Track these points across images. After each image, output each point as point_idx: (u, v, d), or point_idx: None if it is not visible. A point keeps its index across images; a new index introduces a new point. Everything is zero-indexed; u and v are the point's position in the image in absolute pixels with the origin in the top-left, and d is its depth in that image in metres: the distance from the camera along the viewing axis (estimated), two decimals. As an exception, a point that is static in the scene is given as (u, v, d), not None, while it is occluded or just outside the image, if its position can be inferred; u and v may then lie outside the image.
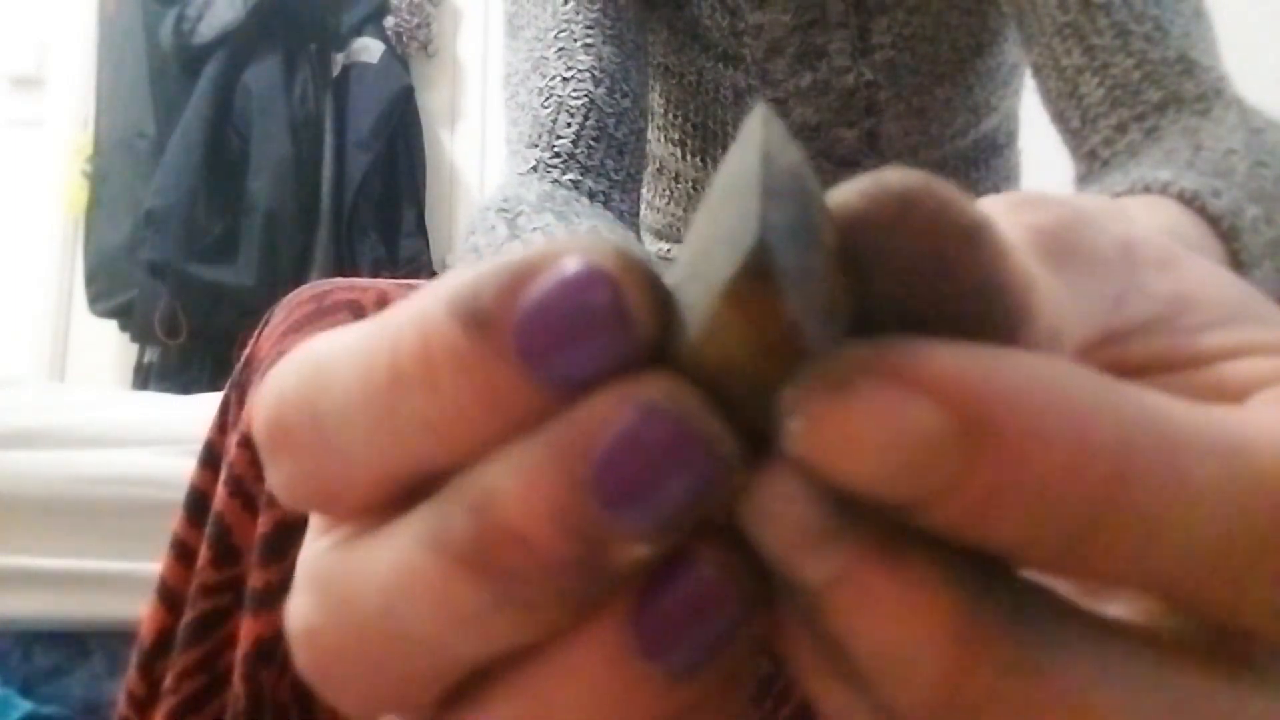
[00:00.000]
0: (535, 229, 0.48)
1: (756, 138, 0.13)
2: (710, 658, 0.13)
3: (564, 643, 0.13)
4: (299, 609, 0.14)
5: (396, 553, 0.13)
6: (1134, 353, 0.16)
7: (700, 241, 0.13)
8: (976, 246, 0.12)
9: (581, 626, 0.13)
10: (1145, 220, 0.33)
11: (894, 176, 0.12)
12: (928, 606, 0.11)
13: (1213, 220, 0.38)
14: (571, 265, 0.12)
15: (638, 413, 0.12)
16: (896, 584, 0.11)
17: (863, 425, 0.11)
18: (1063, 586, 0.14)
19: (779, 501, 0.12)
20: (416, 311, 0.13)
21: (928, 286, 0.12)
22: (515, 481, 0.12)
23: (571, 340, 0.12)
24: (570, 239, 0.13)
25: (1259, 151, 0.45)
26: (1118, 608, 0.15)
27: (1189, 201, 0.38)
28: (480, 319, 0.12)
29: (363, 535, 0.14)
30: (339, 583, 0.14)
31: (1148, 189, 0.38)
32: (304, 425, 0.14)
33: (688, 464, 0.12)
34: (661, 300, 0.13)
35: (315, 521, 0.16)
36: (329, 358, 0.14)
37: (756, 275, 0.12)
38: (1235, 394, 0.15)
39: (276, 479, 0.14)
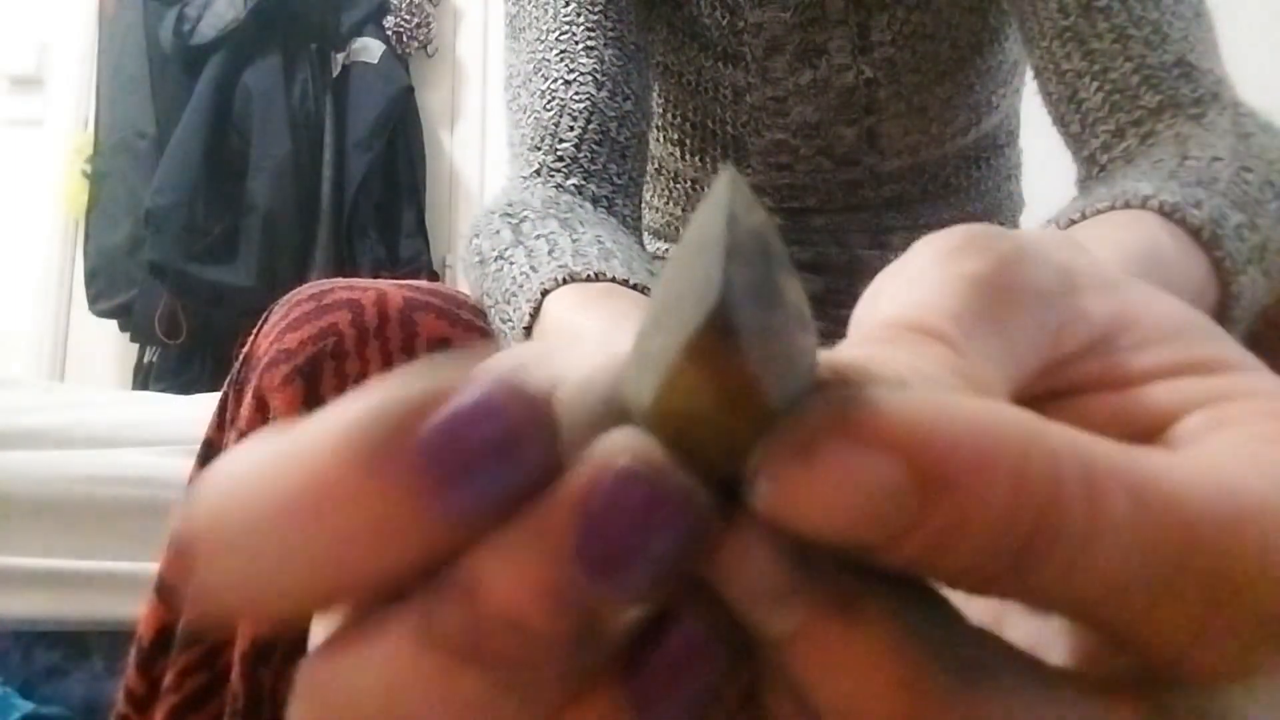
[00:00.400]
0: (539, 235, 0.48)
1: (722, 198, 0.13)
2: (701, 712, 0.13)
3: (564, 713, 0.13)
4: (299, 714, 0.14)
5: (390, 650, 0.13)
6: (1075, 373, 0.17)
7: (666, 296, 0.14)
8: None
9: (575, 699, 0.13)
10: (1105, 248, 0.34)
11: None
12: (881, 660, 0.12)
13: (1194, 231, 0.38)
14: (465, 398, 0.12)
15: (613, 480, 0.12)
16: (851, 638, 0.12)
17: (828, 484, 0.12)
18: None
19: (742, 559, 0.13)
20: (319, 438, 0.13)
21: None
22: (501, 565, 0.12)
23: (464, 471, 0.12)
24: (462, 363, 0.13)
25: (1245, 157, 0.45)
26: (1060, 654, 0.16)
27: (1169, 214, 0.38)
28: (375, 451, 0.12)
29: (353, 637, 0.14)
30: (336, 689, 0.14)
31: (1128, 204, 0.39)
32: (215, 546, 0.13)
33: (667, 521, 0.12)
34: (552, 430, 0.13)
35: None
36: (239, 469, 0.13)
37: (718, 332, 0.12)
38: (1166, 414, 0.16)
39: (195, 593, 0.14)
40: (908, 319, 0.16)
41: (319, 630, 0.15)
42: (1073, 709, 0.13)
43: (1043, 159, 0.77)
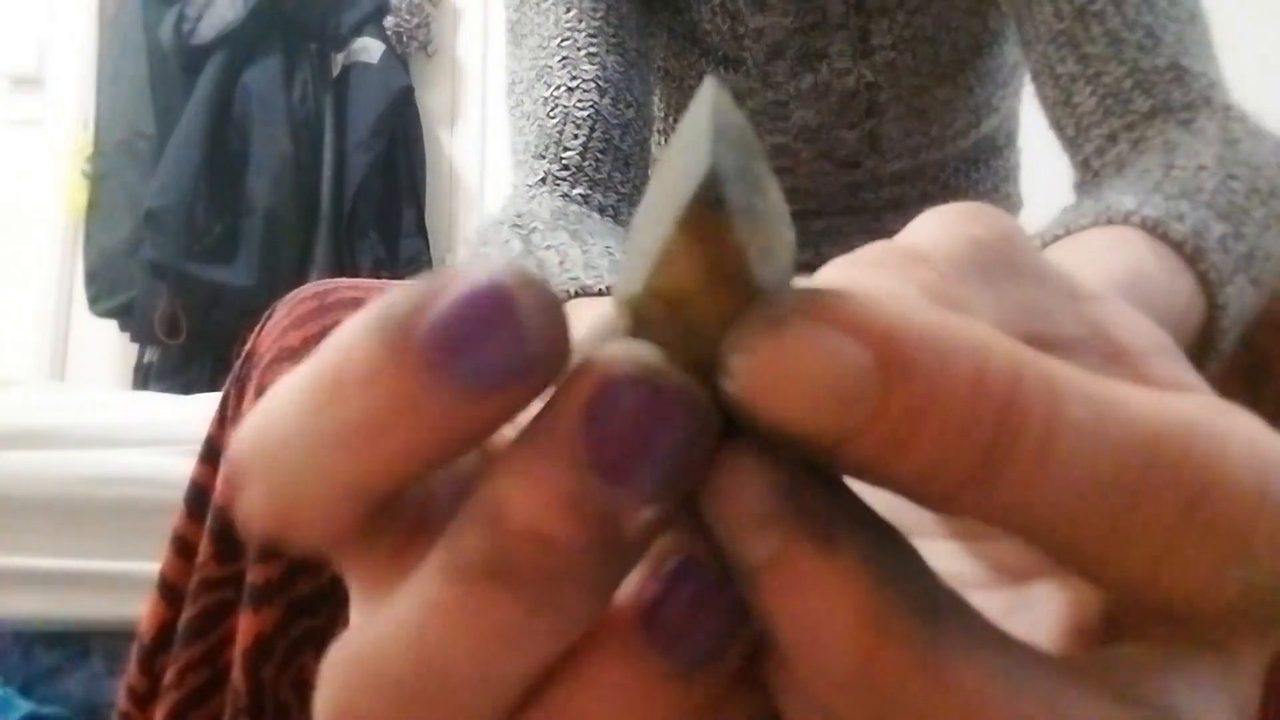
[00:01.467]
0: (549, 246, 0.48)
1: (707, 98, 0.14)
2: (721, 652, 0.14)
3: (585, 660, 0.14)
4: (328, 701, 0.14)
5: (421, 596, 0.13)
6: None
7: (656, 190, 0.14)
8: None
9: (597, 641, 0.14)
10: (1089, 270, 0.34)
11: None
12: (847, 591, 0.12)
13: (1177, 245, 0.38)
14: (471, 279, 0.13)
15: (614, 387, 0.13)
16: (822, 568, 0.13)
17: (795, 360, 0.12)
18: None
19: (729, 482, 0.13)
20: (339, 333, 0.14)
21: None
22: (521, 484, 0.13)
23: (465, 344, 0.13)
24: (479, 260, 0.14)
25: (1231, 165, 0.45)
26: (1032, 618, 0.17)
27: (1152, 229, 0.38)
28: (389, 332, 0.13)
29: (376, 605, 0.14)
30: (367, 658, 0.14)
31: (1111, 220, 0.39)
32: (256, 455, 0.14)
33: (671, 419, 0.13)
34: (557, 315, 0.14)
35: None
36: (275, 393, 0.15)
37: (709, 204, 0.13)
38: None
39: (243, 511, 0.15)
40: (902, 245, 0.17)
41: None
42: (1034, 681, 0.13)
43: (1041, 160, 0.77)
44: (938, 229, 0.17)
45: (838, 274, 0.16)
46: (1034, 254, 0.18)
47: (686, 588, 0.14)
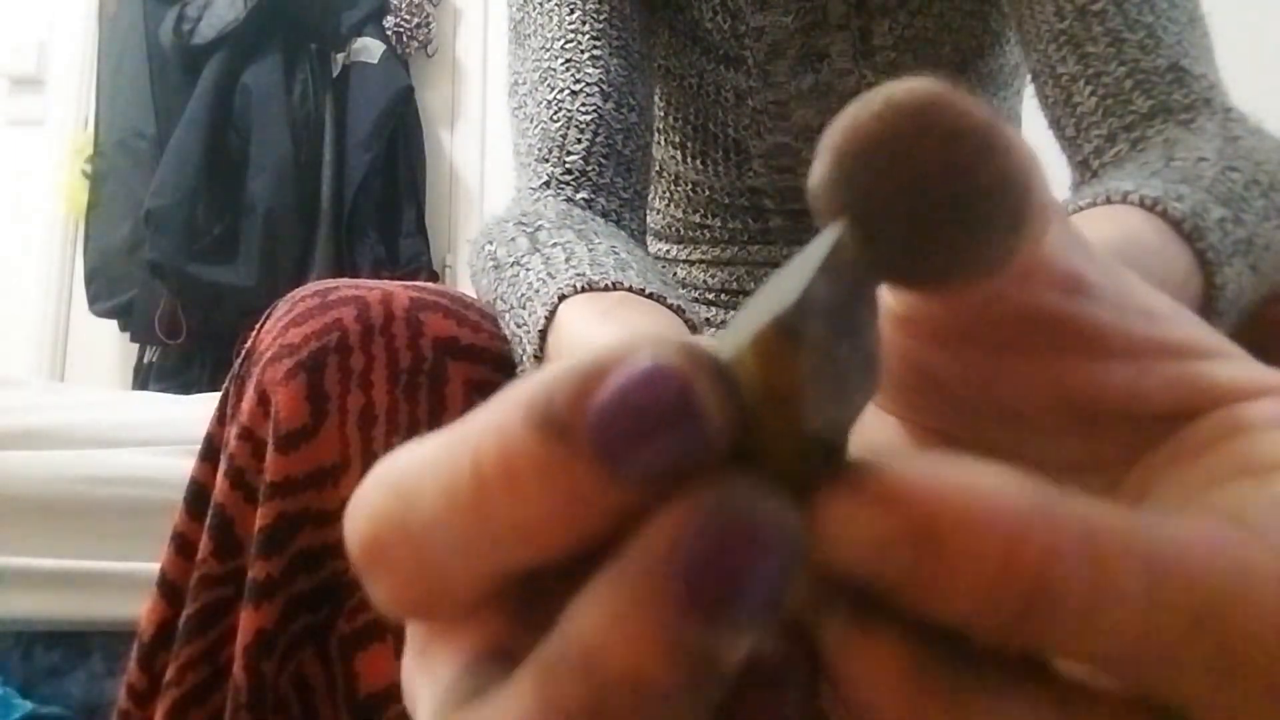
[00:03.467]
0: (555, 244, 0.48)
1: (834, 234, 0.14)
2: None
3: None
4: None
5: None
6: (1098, 317, 0.17)
7: (750, 309, 0.15)
8: (989, 153, 0.14)
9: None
10: (1087, 233, 0.34)
11: (905, 91, 0.14)
12: (889, 653, 0.13)
13: (1175, 224, 0.38)
14: (640, 364, 0.13)
15: (712, 522, 0.12)
16: (871, 637, 0.13)
17: (841, 529, 0.13)
18: None
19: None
20: (493, 421, 0.13)
21: (941, 191, 0.14)
22: (613, 625, 0.12)
23: (644, 438, 0.12)
24: (637, 340, 0.13)
25: (1231, 158, 0.45)
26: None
27: (1150, 207, 0.38)
28: (555, 424, 0.13)
29: (473, 696, 0.14)
30: None
31: (1110, 200, 0.39)
32: (397, 542, 0.14)
33: (769, 553, 0.12)
34: (731, 392, 0.13)
35: (414, 631, 0.16)
36: (412, 472, 0.14)
37: (782, 331, 0.13)
38: (1181, 402, 0.17)
39: (378, 595, 0.15)
40: None
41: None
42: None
43: (1042, 161, 0.77)
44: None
45: None
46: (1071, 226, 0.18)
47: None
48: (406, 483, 0.14)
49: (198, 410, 1.22)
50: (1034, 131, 0.69)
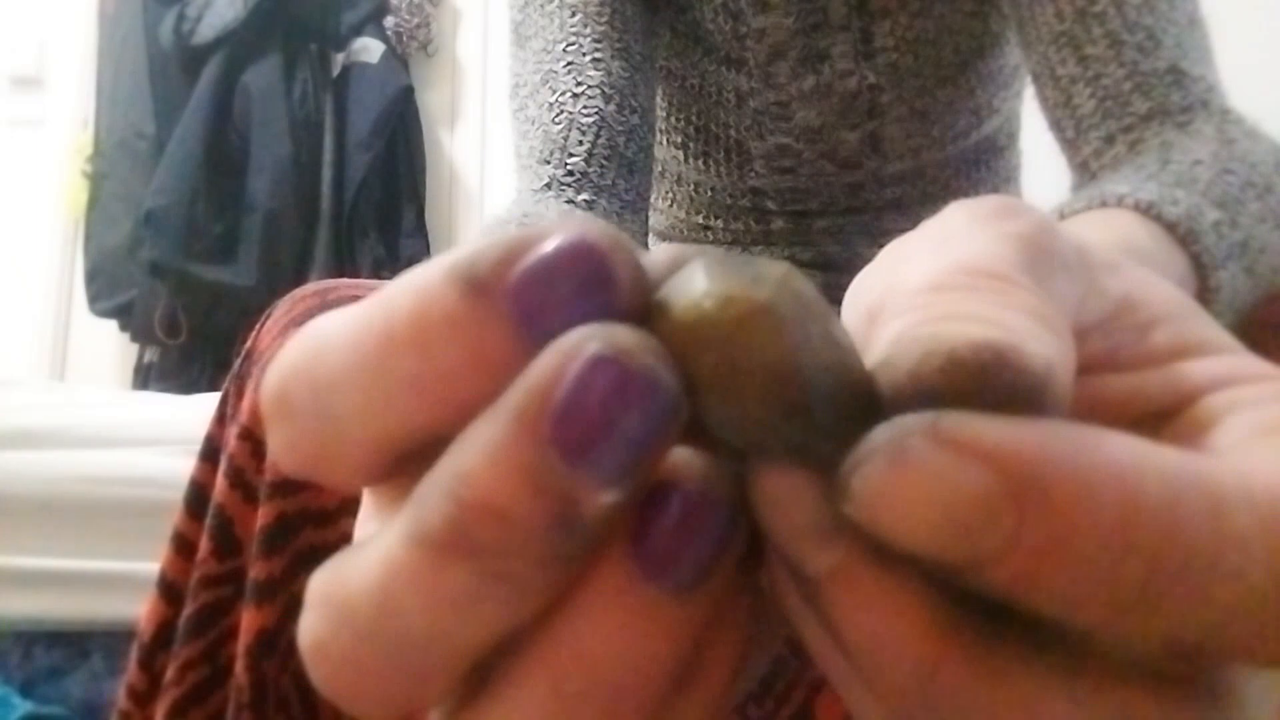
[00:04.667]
0: None
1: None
2: (708, 571, 0.14)
3: (579, 594, 0.14)
4: (306, 625, 0.15)
5: (384, 552, 0.14)
6: (1092, 349, 0.17)
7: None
8: (1039, 409, 0.13)
9: (586, 575, 0.14)
10: (1091, 236, 0.34)
11: (968, 348, 0.13)
12: (908, 605, 0.13)
13: (1170, 227, 0.38)
14: (564, 237, 0.13)
15: (583, 364, 0.13)
16: (884, 582, 0.13)
17: (920, 489, 0.12)
18: None
19: (788, 495, 0.13)
20: (413, 281, 0.14)
21: None
22: (483, 457, 0.13)
23: (560, 302, 0.13)
24: (561, 219, 0.14)
25: (1227, 160, 0.45)
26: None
27: (1145, 211, 0.38)
28: (477, 283, 0.13)
29: (357, 545, 0.15)
30: (337, 593, 0.14)
31: (1104, 203, 0.39)
32: (302, 391, 0.15)
33: (637, 403, 0.13)
34: (641, 273, 0.14)
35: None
36: (329, 329, 0.15)
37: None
38: (1182, 395, 0.16)
39: (276, 444, 0.15)
40: (980, 266, 0.15)
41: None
42: (1088, 684, 0.13)
43: (1041, 161, 0.77)
44: (976, 229, 0.17)
45: (940, 303, 0.15)
46: (1066, 240, 0.17)
47: (670, 511, 0.14)
48: (320, 340, 0.15)
49: (198, 410, 1.22)
50: (1035, 132, 0.69)
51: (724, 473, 0.14)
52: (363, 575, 0.14)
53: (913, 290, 0.15)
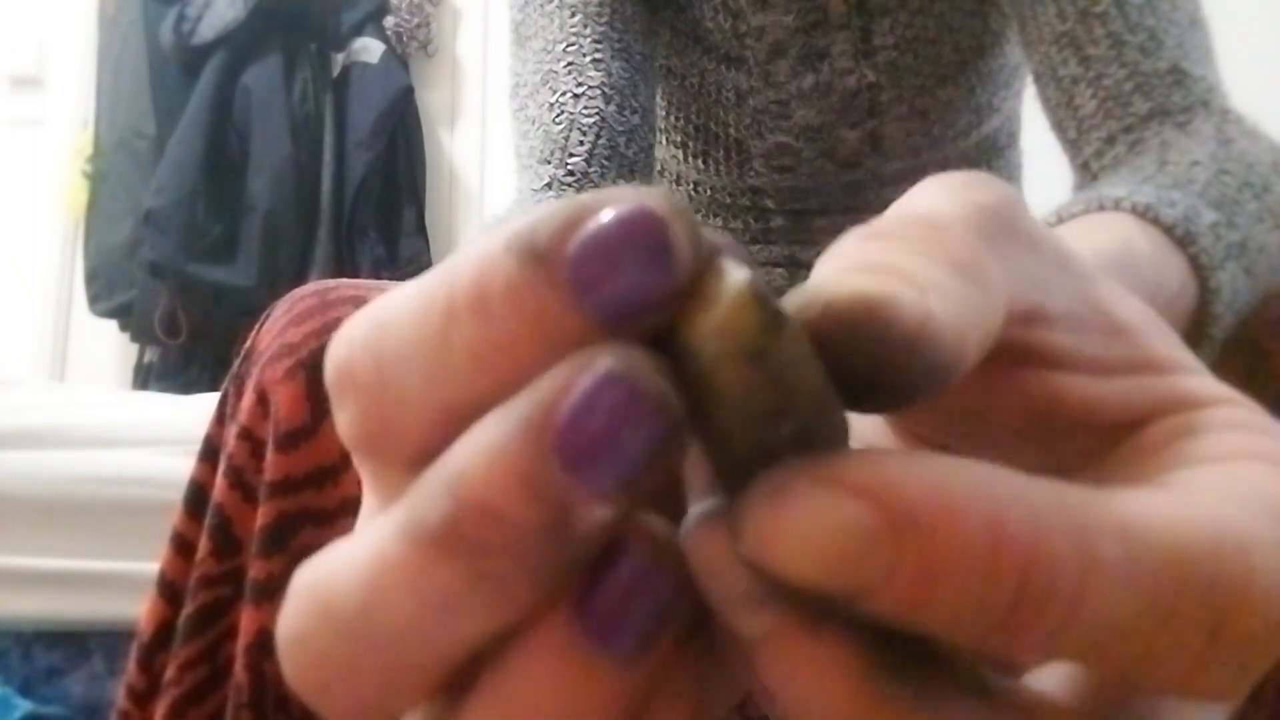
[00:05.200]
0: None
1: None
2: (650, 640, 0.14)
3: (521, 644, 0.14)
4: (287, 618, 0.15)
5: (376, 545, 0.14)
6: (1060, 340, 0.17)
7: None
8: (914, 354, 0.14)
9: (534, 626, 0.14)
10: (1078, 246, 0.34)
11: (843, 300, 0.14)
12: (839, 669, 0.13)
13: (1168, 229, 0.38)
14: (625, 205, 0.13)
15: (593, 378, 0.13)
16: (814, 647, 0.13)
17: (803, 526, 0.13)
18: None
19: (720, 560, 0.14)
20: (475, 251, 0.14)
21: (866, 374, 0.14)
22: (484, 457, 0.13)
23: (620, 272, 0.13)
24: (621, 188, 0.14)
25: (1224, 161, 0.45)
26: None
27: (1142, 214, 0.38)
28: (537, 252, 0.13)
29: (344, 540, 0.15)
30: (321, 586, 0.14)
31: (1102, 206, 0.39)
32: (365, 366, 0.15)
33: (642, 423, 0.13)
34: (700, 243, 0.14)
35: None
36: (391, 304, 0.15)
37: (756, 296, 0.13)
38: (1132, 414, 0.17)
39: (340, 421, 0.15)
40: (922, 216, 0.17)
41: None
42: None
43: (1041, 160, 0.77)
44: (943, 195, 0.18)
45: (861, 251, 0.16)
46: (1033, 220, 0.18)
47: (619, 577, 0.14)
48: (383, 313, 0.15)
49: (198, 410, 1.22)
50: (1036, 132, 0.69)
51: (674, 541, 0.14)
52: (351, 567, 0.14)
53: (850, 237, 0.16)
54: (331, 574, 0.14)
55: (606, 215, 0.13)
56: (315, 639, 0.14)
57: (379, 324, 0.15)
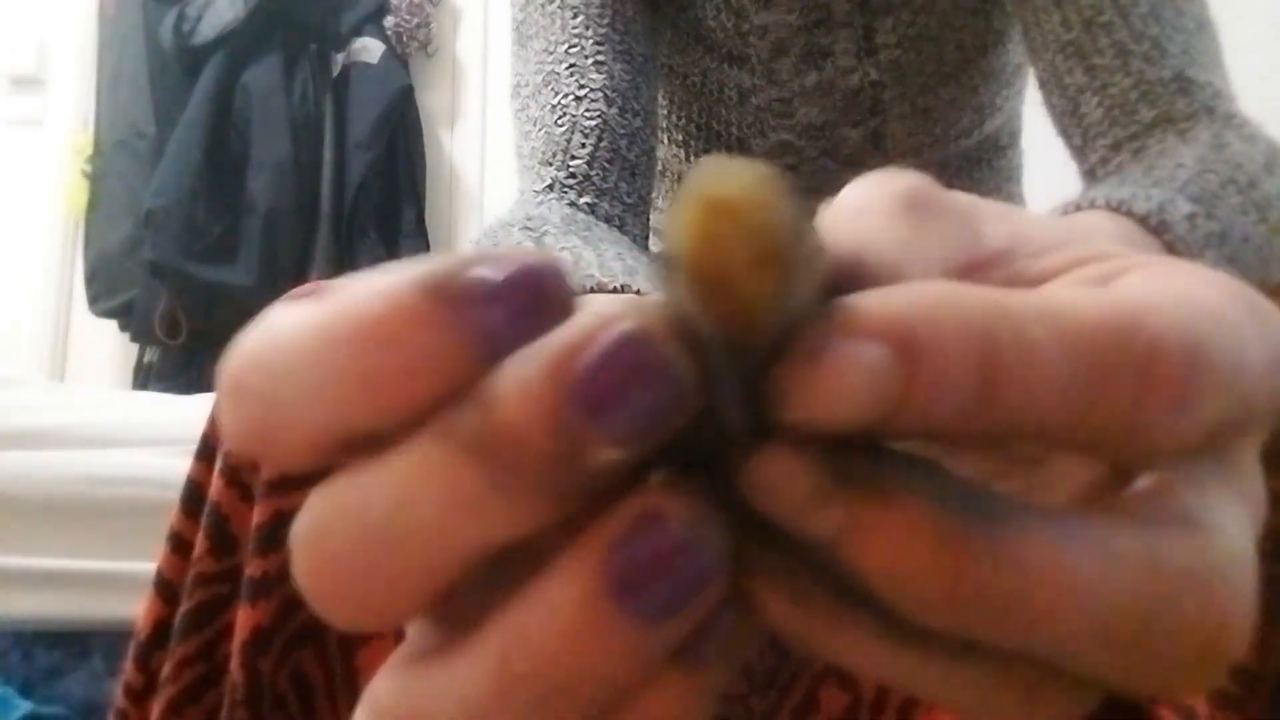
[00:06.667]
0: (563, 248, 0.48)
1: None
2: (678, 608, 0.15)
3: (542, 581, 0.15)
4: (306, 520, 0.16)
5: (413, 449, 0.15)
6: (995, 278, 0.20)
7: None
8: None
9: (560, 565, 0.15)
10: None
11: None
12: (918, 529, 0.14)
13: (1140, 219, 0.38)
14: (511, 265, 0.15)
15: (614, 339, 0.14)
16: (889, 520, 0.14)
17: (837, 374, 0.14)
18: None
19: (782, 476, 0.15)
20: (378, 281, 0.15)
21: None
22: (515, 385, 0.15)
23: (509, 322, 0.15)
24: (520, 250, 0.16)
25: (1211, 163, 0.45)
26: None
27: (1116, 208, 0.38)
28: (444, 292, 0.15)
29: (373, 460, 0.16)
30: (352, 494, 0.15)
31: (1079, 207, 0.39)
32: (255, 376, 0.16)
33: (652, 383, 0.14)
34: (572, 294, 0.16)
35: None
36: (290, 320, 0.16)
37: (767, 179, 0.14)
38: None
39: (225, 424, 0.16)
40: (847, 205, 0.19)
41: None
42: (1081, 535, 0.15)
43: (1042, 161, 0.77)
44: (864, 190, 0.20)
45: (846, 228, 0.18)
46: (947, 193, 0.20)
47: (651, 542, 0.15)
48: (280, 328, 0.16)
49: (198, 410, 1.22)
50: (1037, 132, 0.69)
51: (714, 523, 0.15)
52: (377, 476, 0.15)
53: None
54: (356, 482, 0.15)
55: (496, 272, 0.15)
56: (334, 537, 0.15)
57: (274, 339, 0.16)
